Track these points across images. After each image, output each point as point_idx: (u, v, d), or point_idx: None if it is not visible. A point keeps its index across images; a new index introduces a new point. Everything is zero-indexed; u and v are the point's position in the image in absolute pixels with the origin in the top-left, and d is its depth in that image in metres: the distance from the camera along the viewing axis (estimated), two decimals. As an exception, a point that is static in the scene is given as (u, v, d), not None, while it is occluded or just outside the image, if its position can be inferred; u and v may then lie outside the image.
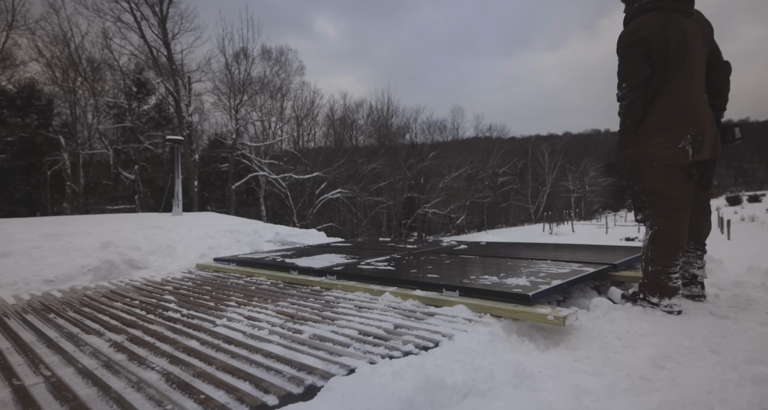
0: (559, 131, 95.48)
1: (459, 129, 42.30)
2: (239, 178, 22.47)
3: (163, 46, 20.29)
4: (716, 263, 3.01)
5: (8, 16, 17.65)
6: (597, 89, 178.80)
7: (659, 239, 2.17)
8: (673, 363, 1.56)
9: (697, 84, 2.17)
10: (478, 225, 39.58)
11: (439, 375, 1.26)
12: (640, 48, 2.12)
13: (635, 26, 2.15)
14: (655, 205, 2.19)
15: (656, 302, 2.16)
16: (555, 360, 1.63)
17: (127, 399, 1.27)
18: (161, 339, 1.85)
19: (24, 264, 3.61)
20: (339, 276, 2.94)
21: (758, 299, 2.37)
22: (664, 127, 2.12)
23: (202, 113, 23.86)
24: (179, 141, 8.95)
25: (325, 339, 1.76)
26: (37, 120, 19.01)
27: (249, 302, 2.51)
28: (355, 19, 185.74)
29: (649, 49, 2.11)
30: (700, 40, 2.18)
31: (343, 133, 31.20)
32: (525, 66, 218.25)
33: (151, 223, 6.29)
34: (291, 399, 1.24)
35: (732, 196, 50.07)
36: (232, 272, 3.72)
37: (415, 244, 4.77)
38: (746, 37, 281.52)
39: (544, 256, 3.22)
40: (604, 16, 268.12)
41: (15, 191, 18.29)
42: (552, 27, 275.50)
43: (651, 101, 2.17)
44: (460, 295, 2.22)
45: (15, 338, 1.95)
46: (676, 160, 2.11)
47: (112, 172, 20.57)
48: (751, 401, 1.28)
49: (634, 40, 2.12)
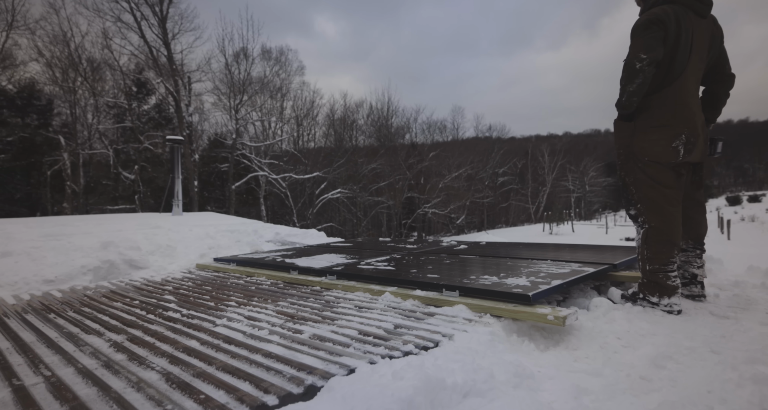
0: (559, 131, 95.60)
1: (459, 129, 42.37)
2: (239, 178, 22.48)
3: (163, 46, 20.31)
4: (716, 263, 3.01)
5: (8, 16, 17.67)
6: (597, 89, 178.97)
7: (652, 236, 2.18)
8: (673, 363, 1.56)
9: (694, 86, 2.18)
10: (478, 225, 39.58)
11: (439, 375, 1.26)
12: (658, 29, 2.07)
13: (655, 11, 2.11)
14: (645, 199, 2.19)
15: (656, 301, 2.16)
16: (555, 360, 1.63)
17: (127, 399, 1.27)
18: (161, 339, 1.85)
19: (24, 264, 3.61)
20: (339, 276, 2.94)
21: (758, 299, 2.37)
22: (661, 124, 2.13)
23: (202, 113, 23.89)
24: (179, 141, 8.95)
25: (325, 339, 1.76)
26: (37, 120, 19.03)
27: (249, 303, 2.51)
28: (354, 19, 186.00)
29: (665, 36, 2.08)
30: (708, 44, 2.18)
31: (343, 133, 31.20)
32: (525, 66, 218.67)
33: (151, 223, 6.29)
34: (291, 399, 1.24)
35: (732, 196, 50.06)
36: (232, 272, 3.72)
37: (415, 244, 4.77)
38: (748, 36, 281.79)
39: (544, 256, 3.22)
40: (605, 16, 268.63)
41: (15, 191, 18.30)
42: (553, 26, 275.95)
43: (651, 94, 2.16)
44: (460, 295, 2.22)
45: (15, 338, 1.95)
46: (667, 158, 2.12)
47: (112, 172, 20.58)
48: (751, 401, 1.28)
49: (654, 20, 2.08)
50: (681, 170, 2.19)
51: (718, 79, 2.32)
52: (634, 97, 2.12)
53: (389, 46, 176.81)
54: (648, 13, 2.13)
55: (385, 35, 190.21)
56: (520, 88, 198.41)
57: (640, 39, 2.09)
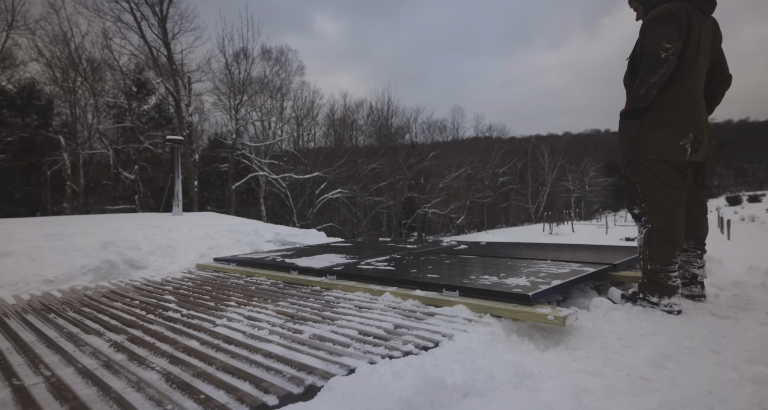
0: (559, 131, 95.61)
1: (459, 129, 42.38)
2: (239, 178, 22.47)
3: (163, 46, 20.30)
4: (716, 263, 3.00)
5: (8, 16, 17.67)
6: (598, 89, 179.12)
7: (655, 236, 2.18)
8: (673, 363, 1.56)
9: (701, 85, 2.17)
10: (478, 225, 39.58)
11: (439, 375, 1.26)
12: (675, 22, 2.04)
13: (668, 6, 2.07)
14: (650, 199, 2.19)
15: (656, 301, 2.16)
16: (555, 360, 1.63)
17: (127, 399, 1.27)
18: (161, 339, 1.85)
19: (24, 264, 3.61)
20: (339, 276, 2.94)
21: (758, 299, 2.37)
22: (669, 122, 2.11)
23: (202, 113, 23.89)
24: (179, 141, 8.95)
25: (325, 339, 1.76)
26: (37, 120, 19.01)
27: (249, 303, 2.51)
28: (354, 18, 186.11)
29: (679, 31, 2.05)
30: (710, 43, 2.18)
31: (343, 133, 31.20)
32: (526, 65, 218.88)
33: (151, 223, 6.29)
34: (291, 399, 1.24)
35: (732, 196, 50.03)
36: (232, 272, 3.72)
37: (415, 244, 4.77)
38: (749, 35, 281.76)
39: (544, 256, 3.22)
40: (605, 15, 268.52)
41: (15, 191, 18.29)
42: (553, 26, 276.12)
43: (659, 92, 2.12)
44: (460, 295, 2.22)
45: (15, 338, 1.95)
46: (674, 157, 2.11)
47: (112, 172, 20.58)
48: (751, 401, 1.28)
49: (668, 14, 2.04)
50: (686, 169, 2.18)
51: (718, 79, 2.31)
52: (653, 90, 2.06)
53: (389, 45, 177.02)
54: (661, 8, 2.09)
55: (385, 35, 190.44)
56: (520, 88, 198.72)
57: (660, 29, 2.02)
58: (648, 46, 2.03)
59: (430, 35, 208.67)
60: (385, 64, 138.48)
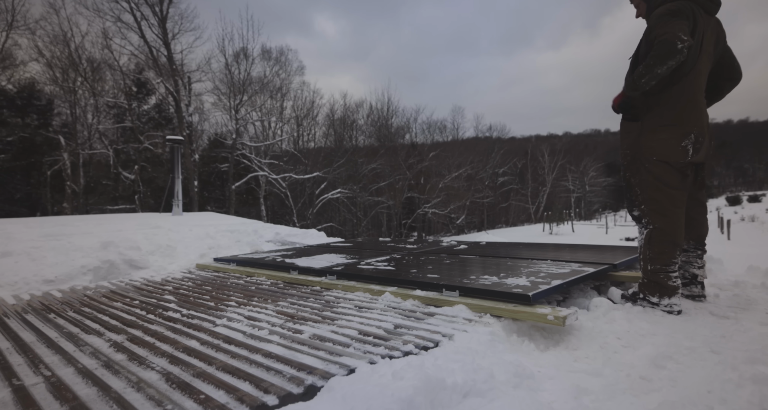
0: (559, 131, 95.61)
1: (459, 129, 42.39)
2: (239, 178, 22.47)
3: (163, 46, 20.31)
4: (716, 263, 3.01)
5: (8, 16, 17.67)
6: (598, 89, 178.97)
7: (655, 237, 2.18)
8: (673, 363, 1.56)
9: (702, 85, 2.16)
10: (478, 225, 39.58)
11: (439, 375, 1.26)
12: (685, 18, 2.01)
13: (676, 4, 2.05)
14: (650, 200, 2.19)
15: (656, 301, 2.16)
16: (555, 360, 1.63)
17: (127, 399, 1.27)
18: (161, 339, 1.85)
19: (24, 264, 3.61)
20: (339, 276, 2.94)
21: (758, 299, 2.37)
22: (670, 122, 2.11)
23: (202, 113, 23.89)
24: (179, 141, 8.95)
25: (325, 339, 1.76)
26: (37, 120, 19.01)
27: (249, 303, 2.51)
28: (354, 18, 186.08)
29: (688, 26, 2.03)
30: (713, 42, 2.18)
31: (343, 133, 31.21)
32: (526, 65, 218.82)
33: (151, 223, 6.29)
34: (291, 399, 1.24)
35: (732, 196, 50.02)
36: (232, 272, 3.72)
37: (415, 244, 4.77)
38: (749, 35, 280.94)
39: (544, 256, 3.22)
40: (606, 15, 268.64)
41: (15, 191, 18.29)
42: (553, 25, 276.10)
43: (659, 93, 2.13)
44: (460, 295, 2.22)
45: (15, 338, 1.95)
46: (676, 158, 2.11)
47: (112, 172, 20.58)
48: (751, 401, 1.28)
49: (676, 10, 2.02)
50: (686, 170, 2.18)
51: (729, 76, 2.29)
52: (653, 81, 2.02)
53: (389, 45, 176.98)
54: (668, 5, 2.07)
55: (385, 35, 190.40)
56: (520, 87, 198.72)
57: (674, 22, 1.97)
58: (664, 35, 1.96)
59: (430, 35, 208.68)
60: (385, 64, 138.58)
